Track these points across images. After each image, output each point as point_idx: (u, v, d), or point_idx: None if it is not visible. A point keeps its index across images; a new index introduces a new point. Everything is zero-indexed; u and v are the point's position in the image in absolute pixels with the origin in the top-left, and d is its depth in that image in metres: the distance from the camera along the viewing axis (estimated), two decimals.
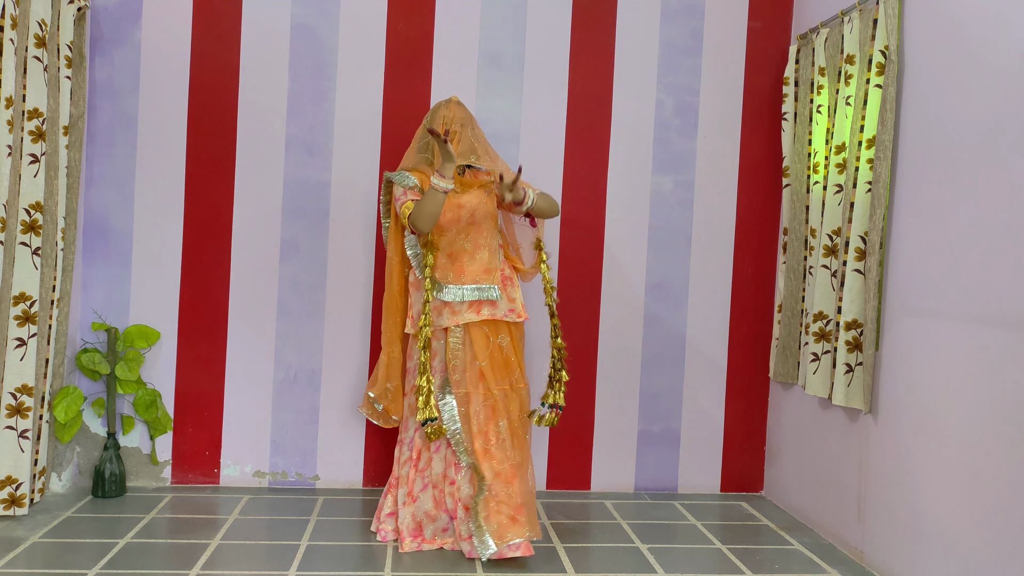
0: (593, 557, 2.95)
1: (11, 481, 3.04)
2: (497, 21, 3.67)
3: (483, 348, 2.94)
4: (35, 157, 3.05)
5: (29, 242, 3.06)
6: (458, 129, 3.04)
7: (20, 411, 3.05)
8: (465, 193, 3.00)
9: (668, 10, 3.74)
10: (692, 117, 3.77)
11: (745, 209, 3.80)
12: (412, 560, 2.84)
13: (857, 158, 2.94)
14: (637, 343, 3.76)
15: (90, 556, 2.74)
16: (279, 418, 3.62)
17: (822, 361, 3.17)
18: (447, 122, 3.04)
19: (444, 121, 3.04)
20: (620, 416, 3.76)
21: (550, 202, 3.08)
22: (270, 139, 3.59)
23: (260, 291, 3.60)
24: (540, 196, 3.04)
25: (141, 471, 3.57)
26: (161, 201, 3.55)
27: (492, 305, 2.97)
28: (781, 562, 2.96)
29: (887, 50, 2.87)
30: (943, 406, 2.56)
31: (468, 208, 2.99)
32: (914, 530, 2.67)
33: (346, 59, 3.61)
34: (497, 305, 2.98)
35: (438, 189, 2.85)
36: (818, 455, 3.34)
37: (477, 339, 2.94)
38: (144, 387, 3.46)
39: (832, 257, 3.13)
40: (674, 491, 3.80)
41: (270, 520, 3.19)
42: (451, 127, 3.03)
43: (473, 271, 2.98)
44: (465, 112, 3.09)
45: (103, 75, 3.52)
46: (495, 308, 2.97)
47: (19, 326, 3.04)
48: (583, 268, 3.73)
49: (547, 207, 3.07)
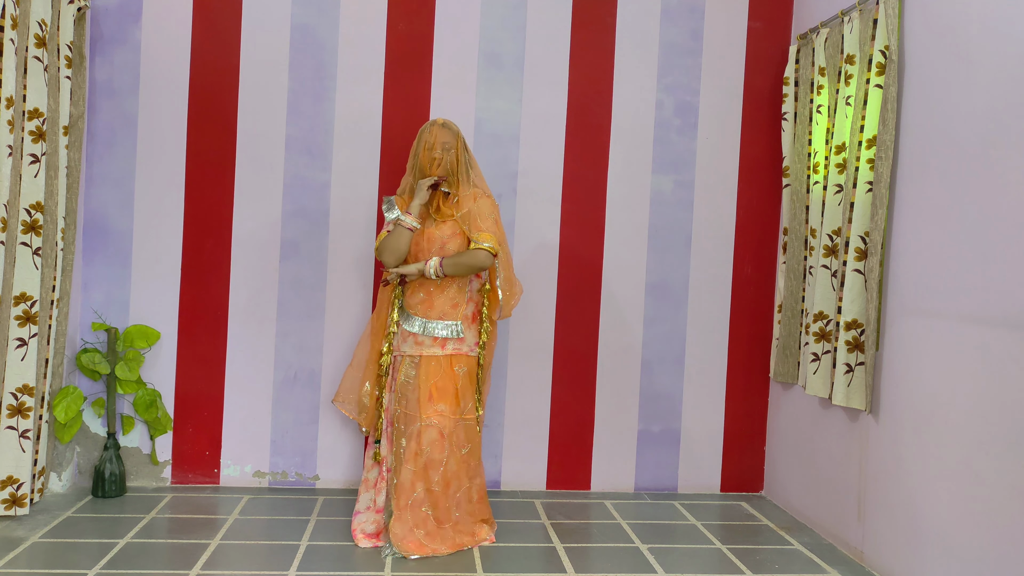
0: (593, 557, 2.95)
1: (12, 481, 3.04)
2: (497, 21, 3.67)
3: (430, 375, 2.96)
4: (35, 157, 3.05)
5: (29, 242, 3.06)
6: (439, 155, 3.01)
7: (21, 411, 3.05)
8: (440, 225, 3.01)
9: (668, 10, 3.74)
10: (692, 117, 3.77)
11: (745, 209, 3.80)
12: (412, 560, 2.84)
13: (857, 158, 2.94)
14: (637, 343, 3.76)
15: (90, 556, 2.74)
16: (279, 418, 3.62)
17: (822, 361, 3.17)
18: (429, 147, 3.02)
19: (427, 146, 3.02)
20: (620, 416, 3.76)
21: (463, 263, 2.95)
22: (270, 139, 3.59)
23: (260, 291, 3.60)
24: (451, 263, 2.94)
25: (141, 471, 3.57)
26: (161, 201, 3.55)
27: (457, 341, 3.00)
28: (781, 562, 2.96)
29: (887, 50, 2.87)
30: (943, 406, 2.56)
31: (439, 241, 3.00)
32: (914, 530, 2.67)
33: (346, 59, 3.61)
34: (463, 340, 3.01)
35: (404, 226, 2.96)
36: (818, 455, 3.34)
37: (427, 367, 2.97)
38: (144, 387, 3.46)
39: (832, 257, 3.13)
40: (674, 491, 3.80)
41: (270, 520, 3.19)
42: (432, 152, 3.01)
43: (440, 305, 2.99)
44: (450, 135, 3.03)
45: (103, 75, 3.52)
46: (460, 344, 3.01)
47: (20, 326, 3.04)
48: (583, 268, 3.73)
49: (460, 270, 2.95)
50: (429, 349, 2.97)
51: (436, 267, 2.94)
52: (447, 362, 2.99)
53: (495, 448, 3.70)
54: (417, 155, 3.05)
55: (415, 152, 3.07)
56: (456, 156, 3.03)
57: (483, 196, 3.05)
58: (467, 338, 3.03)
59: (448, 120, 3.09)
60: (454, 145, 3.03)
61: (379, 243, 3.02)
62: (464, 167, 3.06)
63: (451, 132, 3.04)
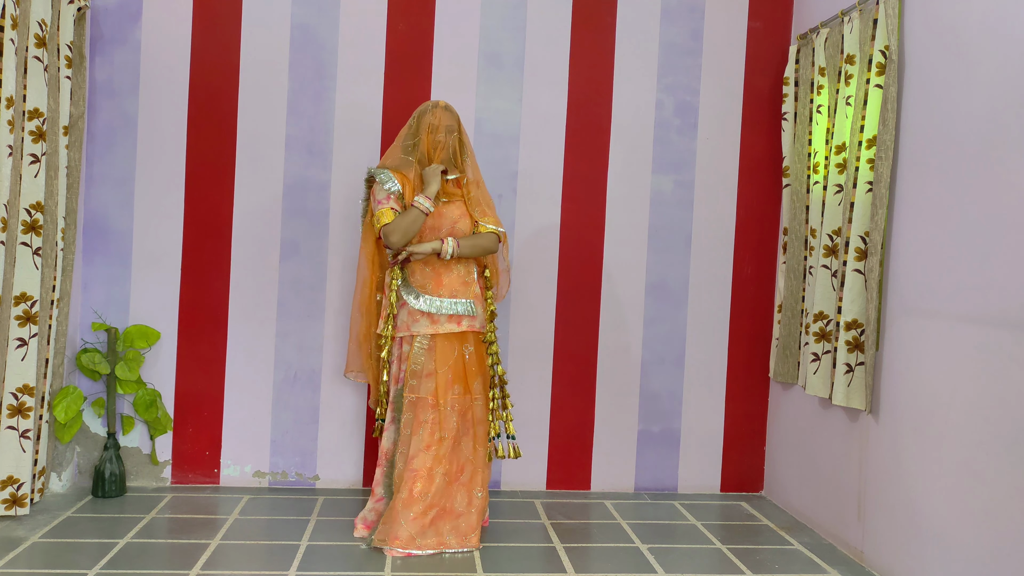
0: (593, 557, 2.95)
1: (12, 481, 3.04)
2: (497, 21, 3.67)
3: (447, 357, 2.97)
4: (35, 157, 3.05)
5: (30, 242, 3.06)
6: (443, 137, 3.02)
7: (21, 411, 3.05)
8: (448, 206, 3.02)
9: (668, 10, 3.74)
10: (692, 117, 3.77)
11: (745, 209, 3.80)
12: (412, 560, 2.84)
13: (857, 158, 2.94)
14: (637, 343, 3.76)
15: (90, 556, 2.74)
16: (279, 418, 3.62)
17: (822, 361, 3.17)
18: (433, 129, 3.02)
19: (430, 128, 3.02)
20: (620, 416, 3.76)
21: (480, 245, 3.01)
22: (270, 139, 3.59)
23: (260, 291, 3.60)
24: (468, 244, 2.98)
25: (141, 471, 3.57)
26: (161, 201, 3.55)
27: (471, 318, 3.01)
28: (781, 562, 2.96)
29: (887, 50, 2.87)
30: (943, 406, 2.56)
31: (449, 219, 3.01)
32: (914, 530, 2.67)
33: (346, 59, 3.61)
34: (475, 318, 3.02)
35: (421, 209, 2.93)
36: (818, 455, 3.34)
37: (443, 349, 2.97)
38: (144, 387, 3.46)
39: (832, 257, 3.13)
40: (674, 491, 3.80)
41: (270, 520, 3.19)
42: (436, 135, 3.02)
43: (451, 283, 3.00)
44: (452, 118, 3.05)
45: (103, 75, 3.52)
46: (473, 321, 3.02)
47: (20, 326, 3.04)
48: (583, 268, 3.73)
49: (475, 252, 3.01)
50: (445, 326, 2.97)
51: (454, 247, 2.96)
52: (459, 340, 2.99)
53: None
54: (418, 136, 3.04)
55: (414, 132, 3.06)
56: (459, 139, 3.07)
57: (482, 183, 3.14)
58: (479, 315, 3.04)
59: (448, 103, 3.11)
60: (456, 128, 3.06)
61: (389, 223, 2.93)
62: (466, 150, 3.10)
63: (453, 115, 3.07)
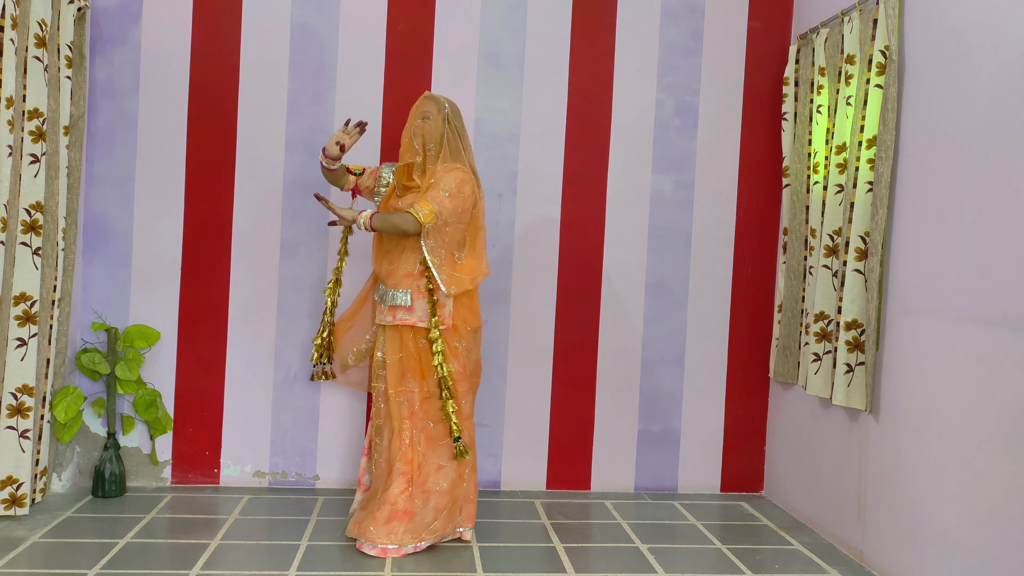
0: (593, 557, 2.95)
1: (12, 481, 3.04)
2: (497, 21, 3.67)
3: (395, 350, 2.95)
4: (35, 157, 3.05)
5: (30, 242, 3.06)
6: (418, 123, 2.96)
7: (21, 411, 3.05)
8: (402, 198, 2.99)
9: (668, 10, 3.74)
10: (692, 117, 3.77)
11: (745, 209, 3.80)
12: (412, 560, 2.84)
13: (857, 158, 2.94)
14: (637, 343, 3.76)
15: (90, 556, 2.74)
16: (279, 418, 3.62)
17: (823, 361, 3.17)
18: (412, 116, 2.99)
19: (411, 115, 2.99)
20: (620, 416, 3.76)
21: (391, 221, 2.88)
22: (270, 139, 3.59)
23: (260, 291, 3.60)
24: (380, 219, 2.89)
25: (141, 471, 3.57)
26: (161, 201, 3.55)
27: (406, 310, 2.92)
28: (781, 562, 2.96)
29: (887, 50, 2.87)
30: (943, 406, 2.56)
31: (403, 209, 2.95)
32: (914, 530, 2.67)
33: (346, 59, 3.61)
34: (411, 311, 2.92)
35: (322, 165, 3.06)
36: (818, 455, 3.34)
37: (391, 341, 2.97)
38: (144, 387, 3.46)
39: (833, 257, 3.13)
40: (674, 491, 3.80)
41: (270, 520, 3.19)
42: (413, 121, 2.97)
43: (395, 273, 2.96)
44: (432, 105, 2.97)
45: (103, 75, 3.52)
46: (409, 314, 2.92)
47: (20, 326, 3.04)
48: (583, 268, 3.73)
49: (385, 227, 2.90)
50: (386, 317, 2.97)
51: (367, 219, 2.92)
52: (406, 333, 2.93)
53: (495, 448, 3.70)
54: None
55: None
56: (436, 126, 2.95)
57: (455, 170, 2.92)
58: (416, 308, 2.92)
59: (439, 95, 3.05)
60: (435, 114, 2.95)
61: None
62: (445, 139, 2.96)
63: (434, 102, 2.98)
